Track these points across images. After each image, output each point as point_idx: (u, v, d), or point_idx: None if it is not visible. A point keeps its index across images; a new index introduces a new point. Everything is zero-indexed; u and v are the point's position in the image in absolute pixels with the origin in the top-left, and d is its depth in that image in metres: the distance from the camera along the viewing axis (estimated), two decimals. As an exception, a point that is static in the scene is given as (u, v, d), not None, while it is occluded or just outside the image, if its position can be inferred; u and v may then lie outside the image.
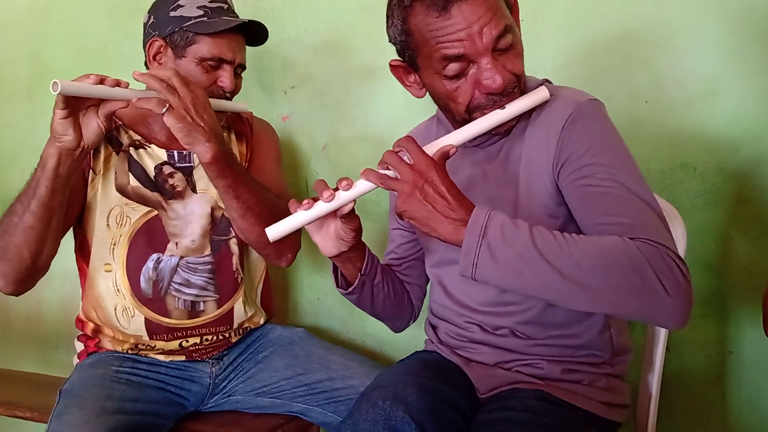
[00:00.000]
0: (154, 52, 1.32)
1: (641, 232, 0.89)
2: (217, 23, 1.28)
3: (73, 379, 1.32)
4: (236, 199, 1.25)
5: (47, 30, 2.01)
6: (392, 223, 1.28)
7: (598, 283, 0.85)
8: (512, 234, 0.87)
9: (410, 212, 0.92)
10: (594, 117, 1.00)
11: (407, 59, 1.05)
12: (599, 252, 0.86)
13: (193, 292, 1.36)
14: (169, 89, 1.12)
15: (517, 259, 0.86)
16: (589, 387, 1.06)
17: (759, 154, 1.30)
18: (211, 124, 1.17)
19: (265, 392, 1.39)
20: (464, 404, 1.04)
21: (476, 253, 0.87)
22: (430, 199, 0.90)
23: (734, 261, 1.34)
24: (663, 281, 0.85)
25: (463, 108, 1.00)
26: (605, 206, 0.93)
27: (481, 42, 0.94)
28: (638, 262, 0.85)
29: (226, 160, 1.20)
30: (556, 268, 0.85)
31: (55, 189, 1.16)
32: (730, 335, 1.36)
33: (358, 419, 0.95)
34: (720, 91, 1.32)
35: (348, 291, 1.15)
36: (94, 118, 1.13)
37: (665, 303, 0.85)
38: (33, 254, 1.20)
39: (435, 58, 0.97)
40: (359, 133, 1.65)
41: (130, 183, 1.34)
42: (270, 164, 1.46)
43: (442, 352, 1.16)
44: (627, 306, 0.86)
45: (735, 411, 1.36)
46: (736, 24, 1.30)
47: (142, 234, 1.34)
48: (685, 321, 0.88)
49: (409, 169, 0.92)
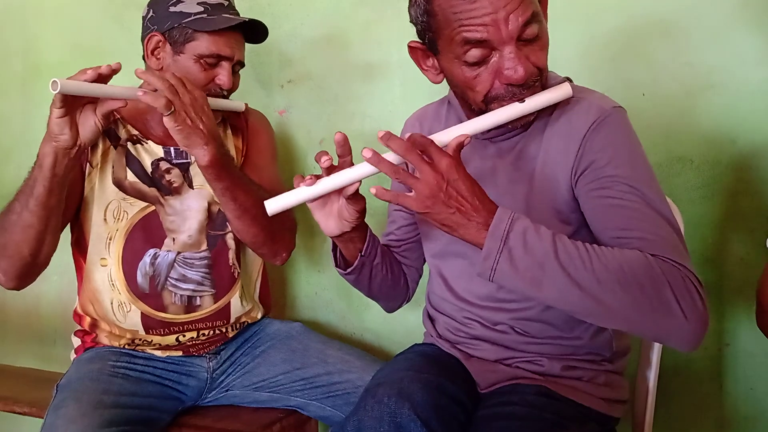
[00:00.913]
0: (153, 46, 1.31)
1: (661, 249, 0.88)
2: (217, 21, 1.28)
3: (70, 373, 1.32)
4: (233, 201, 1.26)
5: (42, 24, 2.00)
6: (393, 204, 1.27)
7: (617, 301, 0.85)
8: (534, 242, 0.86)
9: (432, 214, 0.89)
10: (618, 126, 0.97)
11: (427, 41, 1.00)
12: (620, 268, 0.85)
13: (190, 287, 1.36)
14: (171, 89, 1.13)
15: (537, 268, 0.85)
16: (589, 383, 1.06)
17: (756, 146, 1.30)
18: (210, 127, 1.17)
19: (263, 386, 1.39)
20: (466, 399, 1.04)
21: (496, 259, 0.86)
22: (454, 201, 0.88)
23: (731, 253, 1.35)
24: (681, 304, 0.84)
25: (480, 97, 0.97)
26: (625, 220, 0.92)
27: (506, 29, 0.90)
28: (659, 282, 0.84)
29: (223, 164, 1.20)
30: (575, 281, 0.84)
31: (53, 188, 1.16)
32: (726, 328, 1.36)
33: (363, 416, 0.94)
34: (717, 83, 1.32)
35: (347, 271, 1.14)
36: (92, 116, 1.13)
37: (681, 326, 0.85)
38: (33, 251, 1.20)
39: (456, 41, 0.93)
40: (356, 127, 1.64)
41: (127, 178, 1.33)
42: (265, 160, 1.46)
43: (441, 345, 1.16)
44: (643, 325, 0.86)
45: (731, 403, 1.37)
46: (734, 17, 1.30)
47: (138, 229, 1.33)
48: (697, 345, 0.87)
49: (430, 170, 0.87)
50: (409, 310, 1.62)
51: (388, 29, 1.59)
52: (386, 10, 1.59)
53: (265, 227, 1.31)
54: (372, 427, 0.92)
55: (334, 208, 1.04)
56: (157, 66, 1.31)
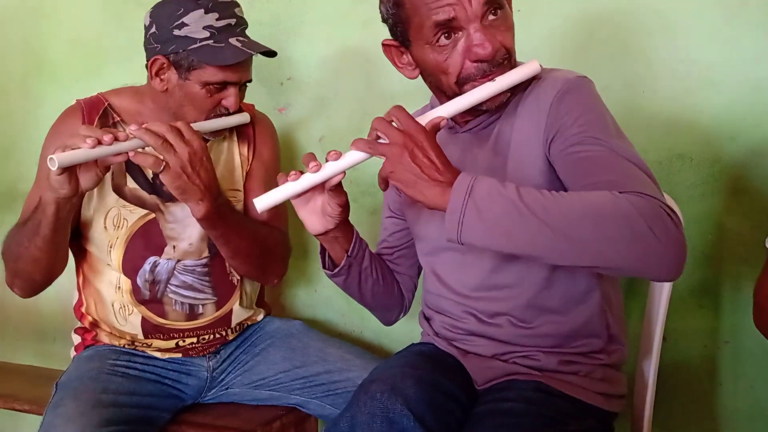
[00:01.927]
0: (157, 69, 1.27)
1: (630, 186, 0.87)
2: (224, 53, 1.22)
3: (69, 371, 1.32)
4: (226, 246, 1.28)
5: (41, 22, 2.00)
6: (386, 212, 1.28)
7: (588, 235, 0.84)
8: (498, 192, 0.87)
9: (397, 174, 0.91)
10: (582, 92, 1.00)
11: (399, 35, 1.05)
12: (587, 204, 0.85)
13: (191, 294, 1.35)
14: (166, 146, 1.11)
15: (504, 216, 0.86)
16: (586, 378, 1.06)
17: (755, 144, 1.30)
18: (207, 181, 1.16)
19: (263, 385, 1.39)
20: (462, 396, 1.04)
21: (462, 212, 0.87)
22: (419, 161, 0.90)
23: (731, 251, 1.34)
24: (653, 228, 0.82)
25: (453, 79, 1.00)
26: (593, 168, 0.92)
27: (470, 7, 0.95)
28: (627, 211, 0.83)
29: (218, 215, 1.21)
30: (543, 221, 0.84)
31: (58, 228, 1.19)
32: (725, 325, 1.36)
33: (356, 412, 0.94)
34: (717, 80, 1.32)
35: (333, 272, 1.15)
36: (93, 168, 1.13)
37: (656, 250, 0.83)
38: (44, 277, 1.28)
39: (426, 26, 0.98)
40: (355, 125, 1.64)
41: (127, 185, 1.32)
42: (270, 176, 1.42)
43: (438, 344, 1.16)
44: (617, 256, 0.84)
45: (731, 400, 1.37)
46: (733, 13, 1.30)
47: (139, 237, 1.32)
48: (678, 271, 0.86)
49: (398, 133, 0.92)
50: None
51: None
52: (386, 8, 1.59)
53: (258, 265, 1.34)
54: (365, 423, 0.92)
55: (318, 204, 1.07)
56: (162, 87, 1.28)
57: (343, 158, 0.98)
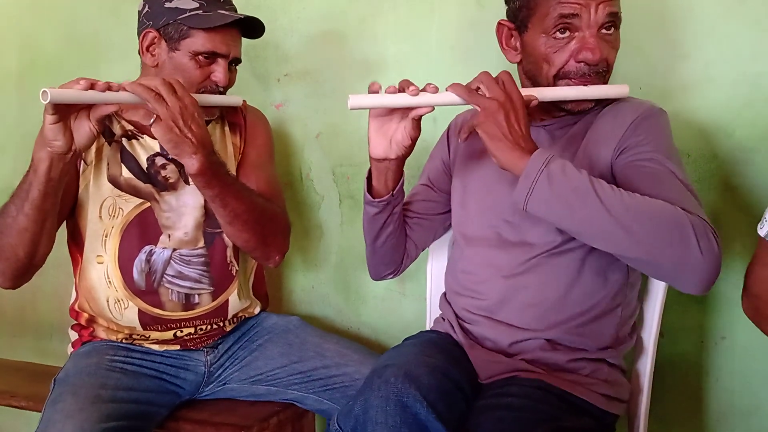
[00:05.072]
0: (148, 43, 1.30)
1: (687, 206, 0.95)
2: (213, 18, 1.26)
3: (67, 367, 1.32)
4: (223, 208, 1.25)
5: (37, 17, 1.99)
6: (423, 179, 1.33)
7: (642, 229, 0.92)
8: (572, 171, 0.95)
9: (486, 126, 0.98)
10: (660, 120, 1.09)
11: (519, 20, 1.12)
12: (649, 204, 0.94)
13: (187, 284, 1.35)
14: (158, 99, 1.10)
15: (572, 192, 0.94)
16: (588, 377, 1.08)
17: (752, 140, 1.31)
18: (200, 136, 1.15)
19: (260, 380, 1.40)
20: (468, 387, 1.07)
21: (536, 178, 0.94)
22: (510, 123, 0.98)
23: (727, 247, 1.34)
24: (700, 242, 0.91)
25: (554, 71, 1.09)
26: (655, 183, 1.00)
27: (594, 14, 1.04)
28: (682, 221, 0.92)
29: (213, 172, 1.19)
30: (605, 206, 0.92)
31: (48, 192, 1.15)
32: (722, 321, 1.37)
33: (369, 395, 0.96)
34: (714, 77, 1.32)
35: (377, 200, 1.18)
36: (86, 121, 1.11)
37: (697, 260, 0.91)
38: (28, 253, 1.20)
39: (551, 16, 1.06)
40: (353, 121, 1.64)
41: (122, 174, 1.32)
42: (263, 159, 1.45)
43: (451, 332, 1.19)
44: (663, 256, 0.93)
45: (727, 397, 1.38)
46: (730, 10, 1.30)
47: (134, 226, 1.32)
48: (708, 285, 0.94)
49: (502, 92, 0.99)
50: (405, 304, 1.63)
51: (385, 23, 1.59)
52: (383, 5, 1.58)
53: (257, 232, 1.31)
54: (378, 407, 0.94)
55: (391, 130, 1.12)
56: (153, 62, 1.30)
57: (439, 95, 1.04)
